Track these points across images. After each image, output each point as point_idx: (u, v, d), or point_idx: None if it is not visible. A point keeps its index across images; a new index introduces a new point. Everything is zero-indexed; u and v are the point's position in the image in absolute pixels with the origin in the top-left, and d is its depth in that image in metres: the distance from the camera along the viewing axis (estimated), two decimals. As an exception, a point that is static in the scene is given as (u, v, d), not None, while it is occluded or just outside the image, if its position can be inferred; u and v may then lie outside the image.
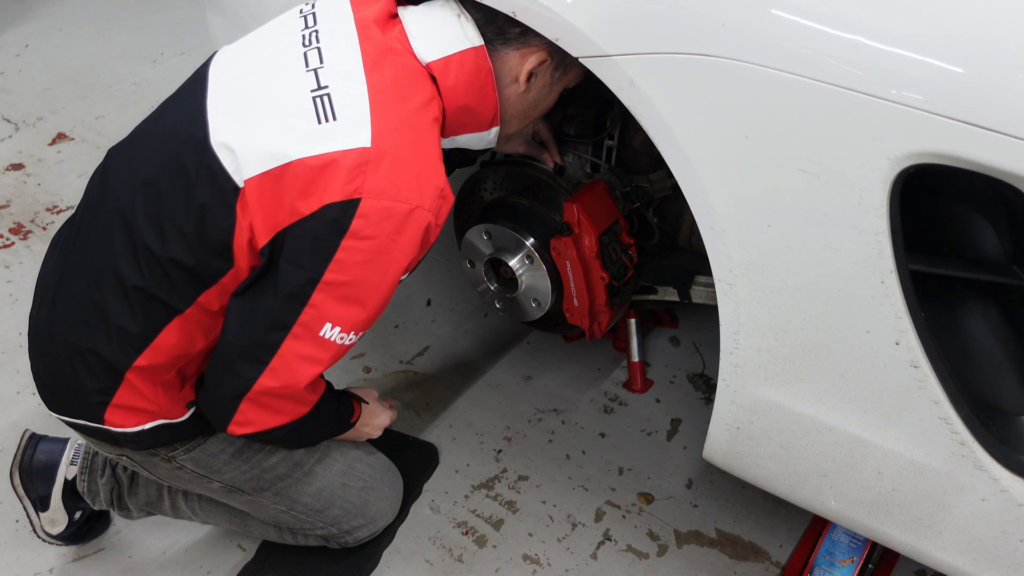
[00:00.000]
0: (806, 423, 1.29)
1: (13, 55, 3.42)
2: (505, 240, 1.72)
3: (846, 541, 1.64)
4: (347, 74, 1.25)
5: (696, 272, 1.70)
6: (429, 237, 1.26)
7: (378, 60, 1.27)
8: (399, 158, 1.21)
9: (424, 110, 1.27)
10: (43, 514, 1.71)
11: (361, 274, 1.23)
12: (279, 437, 1.41)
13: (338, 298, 1.24)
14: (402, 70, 1.28)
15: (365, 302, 1.26)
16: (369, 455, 1.68)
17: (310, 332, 1.26)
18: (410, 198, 1.21)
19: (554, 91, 1.43)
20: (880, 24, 1.03)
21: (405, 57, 1.29)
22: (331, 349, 1.29)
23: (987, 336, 1.21)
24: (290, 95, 1.25)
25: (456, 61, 1.30)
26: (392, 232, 1.21)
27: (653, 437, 1.97)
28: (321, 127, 1.21)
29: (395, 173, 1.20)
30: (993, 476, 1.15)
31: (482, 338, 2.23)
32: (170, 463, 1.47)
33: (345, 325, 1.27)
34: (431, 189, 1.23)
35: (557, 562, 1.74)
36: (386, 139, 1.21)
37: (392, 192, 1.19)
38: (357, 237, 1.19)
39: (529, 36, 1.31)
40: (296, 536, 1.68)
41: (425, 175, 1.23)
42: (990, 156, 0.98)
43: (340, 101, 1.22)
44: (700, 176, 1.19)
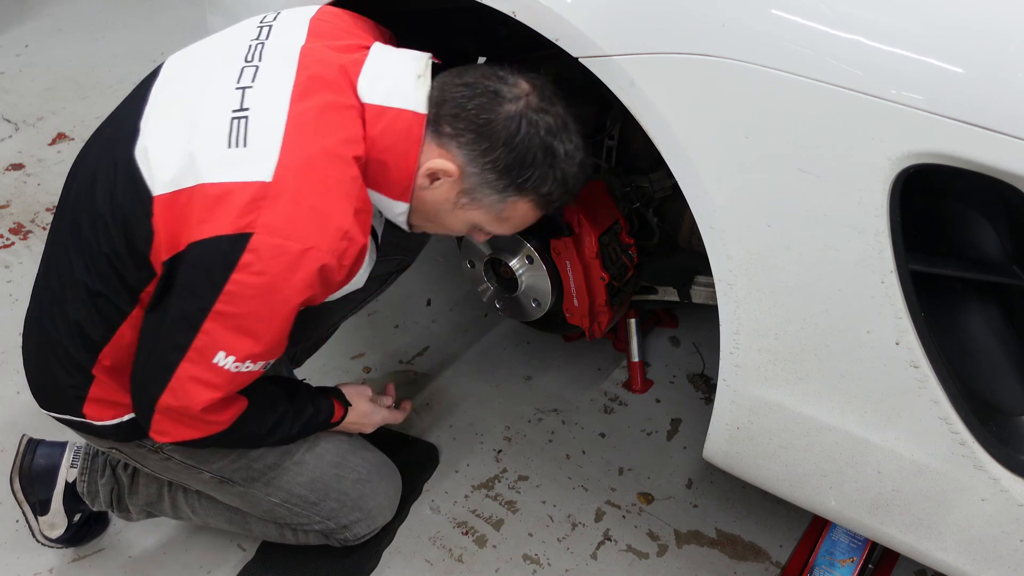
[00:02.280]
0: (806, 423, 1.29)
1: (13, 55, 3.42)
2: (505, 240, 1.72)
3: (846, 541, 1.64)
4: (271, 100, 1.22)
5: (696, 272, 1.70)
6: (331, 277, 1.23)
7: (309, 90, 1.23)
8: (300, 195, 1.18)
9: (343, 146, 1.23)
10: (42, 518, 1.71)
11: (251, 308, 1.20)
12: (217, 443, 1.40)
13: (230, 328, 1.22)
14: (331, 104, 1.24)
15: (259, 335, 1.23)
16: (364, 449, 1.67)
17: (204, 357, 1.24)
18: (304, 238, 1.18)
19: (457, 216, 1.35)
20: (880, 24, 1.03)
21: (342, 92, 1.25)
22: (225, 376, 1.26)
23: (987, 336, 1.21)
24: (212, 112, 1.23)
25: (392, 116, 1.26)
26: (283, 271, 1.18)
27: (653, 437, 1.97)
28: (230, 152, 1.19)
29: (292, 211, 1.17)
30: (993, 476, 1.15)
31: (482, 338, 2.23)
32: (158, 454, 1.48)
33: (239, 355, 1.24)
34: (331, 231, 1.20)
35: (557, 562, 1.74)
36: (290, 175, 1.18)
37: (286, 230, 1.17)
38: (247, 272, 1.17)
39: (452, 145, 1.27)
40: (296, 534, 1.68)
41: (326, 215, 1.20)
42: (990, 156, 0.98)
43: (255, 127, 1.20)
44: (700, 176, 1.19)
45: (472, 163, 1.28)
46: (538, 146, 1.27)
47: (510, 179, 1.28)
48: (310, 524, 1.63)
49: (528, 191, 1.30)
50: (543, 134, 1.27)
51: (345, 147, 1.23)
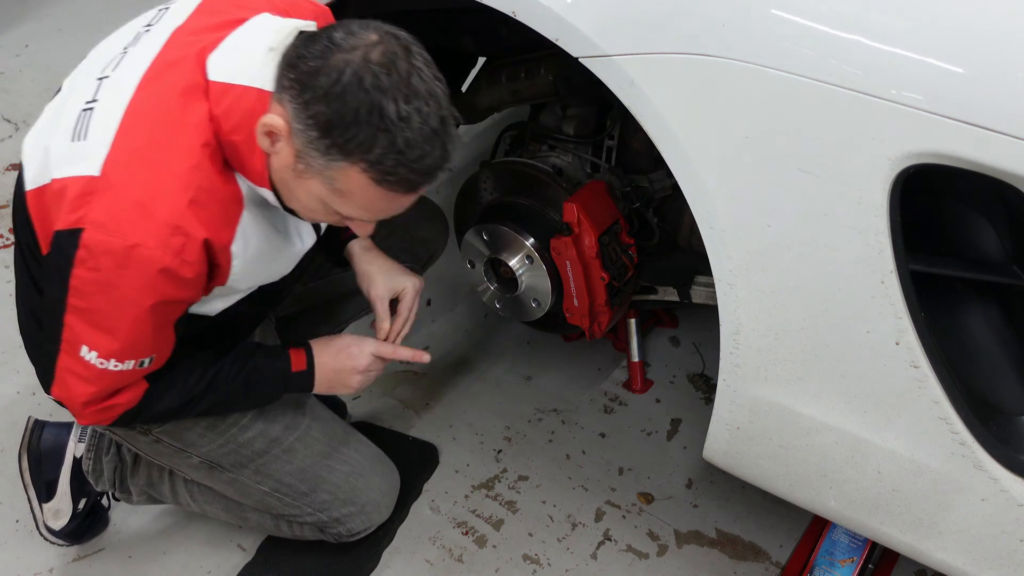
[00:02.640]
0: (806, 423, 1.29)
1: (13, 55, 3.42)
2: (505, 240, 1.72)
3: (846, 541, 1.64)
4: (119, 89, 1.19)
5: (696, 272, 1.70)
6: (180, 275, 1.17)
7: (158, 75, 1.19)
8: (125, 189, 1.14)
9: (181, 133, 1.16)
10: (47, 505, 1.71)
11: (98, 303, 1.18)
12: (143, 420, 1.38)
13: (87, 322, 1.20)
14: (175, 87, 1.17)
15: (113, 332, 1.20)
16: (358, 442, 1.66)
17: (73, 349, 1.22)
18: (128, 234, 1.13)
19: (302, 188, 1.18)
20: (880, 24, 1.03)
21: (190, 73, 1.18)
22: (94, 371, 1.23)
23: (987, 336, 1.21)
24: (72, 105, 1.21)
25: (236, 94, 1.16)
26: (114, 267, 1.14)
27: (653, 437, 1.97)
28: (72, 146, 1.17)
29: (116, 206, 1.13)
30: (993, 476, 1.15)
31: (482, 338, 2.23)
32: (147, 436, 1.48)
33: (101, 351, 1.21)
34: (157, 226, 1.14)
35: (557, 562, 1.74)
36: (119, 167, 1.15)
37: (111, 226, 1.13)
38: (83, 267, 1.15)
39: (286, 99, 1.12)
40: (292, 526, 1.67)
41: (150, 210, 1.14)
42: (990, 156, 0.98)
43: (96, 119, 1.17)
44: (700, 176, 1.19)
45: (297, 118, 1.12)
46: (362, 102, 1.07)
47: (331, 138, 1.10)
48: (302, 516, 1.63)
49: (354, 155, 1.11)
50: (370, 88, 1.07)
51: (184, 134, 1.16)
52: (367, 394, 2.09)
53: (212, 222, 1.19)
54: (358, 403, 2.07)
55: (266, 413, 1.53)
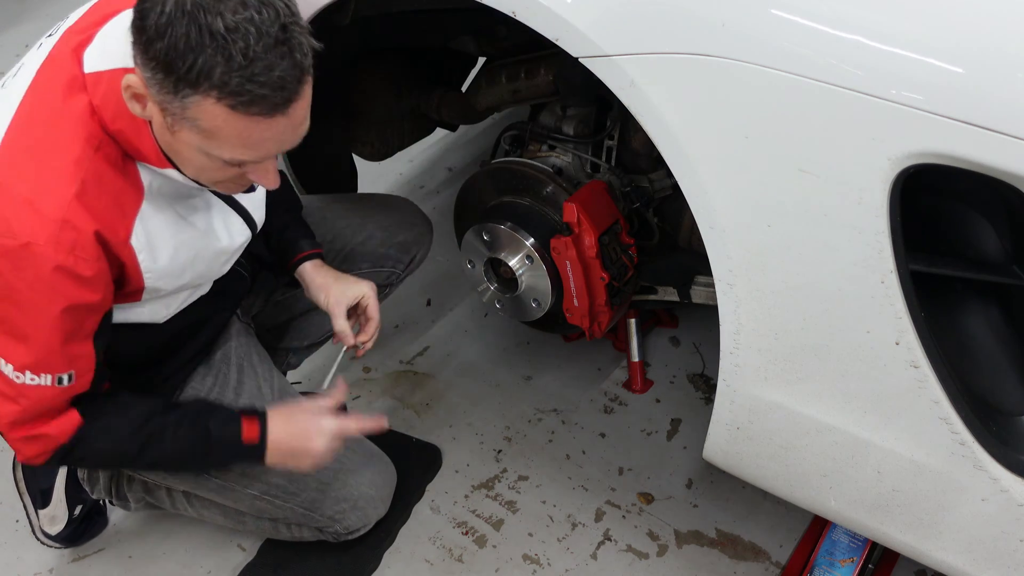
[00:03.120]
0: (806, 423, 1.29)
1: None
2: (505, 240, 1.72)
3: (846, 541, 1.64)
4: (12, 94, 1.19)
5: (696, 272, 1.70)
6: (79, 273, 1.14)
7: (44, 74, 1.18)
8: (11, 189, 1.12)
9: (63, 129, 1.14)
10: (43, 511, 1.71)
11: (4, 310, 1.15)
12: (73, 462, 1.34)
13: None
14: (56, 85, 1.16)
15: (25, 340, 1.17)
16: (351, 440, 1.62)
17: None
18: (18, 233, 1.10)
19: (181, 141, 1.12)
20: (880, 24, 1.03)
21: (67, 68, 1.16)
22: (12, 386, 1.20)
23: (987, 336, 1.21)
24: None
25: (107, 78, 1.13)
26: (12, 270, 1.12)
27: (653, 437, 1.97)
28: None
29: (4, 208, 1.11)
30: (993, 476, 1.15)
31: (482, 338, 2.23)
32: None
33: (16, 363, 1.18)
34: (45, 222, 1.11)
35: (557, 562, 1.74)
36: (5, 169, 1.13)
37: (1, 228, 1.11)
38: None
39: (137, 53, 1.06)
40: (291, 528, 1.67)
41: (37, 207, 1.11)
42: (990, 156, 0.98)
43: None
44: (700, 176, 1.19)
45: (146, 68, 1.05)
46: (188, 25, 1.01)
47: (176, 73, 1.03)
48: (296, 517, 1.62)
49: (201, 85, 1.04)
50: (191, 8, 1.01)
51: (65, 129, 1.14)
52: (367, 394, 2.09)
53: (104, 215, 1.16)
54: (358, 403, 2.07)
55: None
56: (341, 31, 1.65)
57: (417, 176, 2.57)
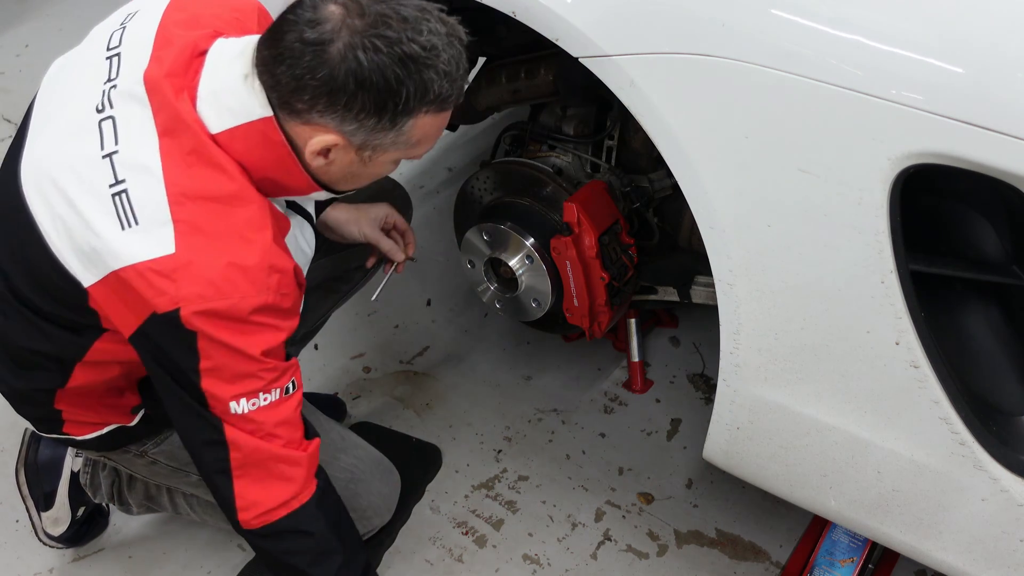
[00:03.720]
0: (806, 423, 1.29)
1: (13, 55, 3.42)
2: (505, 240, 1.72)
3: (846, 541, 1.64)
4: (143, 166, 1.15)
5: (696, 272, 1.70)
6: (281, 306, 1.17)
7: (171, 140, 1.15)
8: (209, 255, 1.12)
9: (223, 185, 1.16)
10: (45, 514, 1.71)
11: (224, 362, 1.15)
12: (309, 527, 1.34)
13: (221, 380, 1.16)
14: (194, 146, 1.15)
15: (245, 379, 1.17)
16: (357, 448, 1.65)
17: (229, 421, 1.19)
18: (231, 292, 1.12)
19: (376, 164, 1.22)
20: (880, 24, 1.03)
21: (194, 128, 1.15)
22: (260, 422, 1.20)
23: (987, 336, 1.21)
24: (92, 193, 1.15)
25: (242, 134, 1.16)
26: (233, 334, 1.14)
27: (653, 437, 1.97)
28: (125, 234, 1.12)
29: (208, 273, 1.12)
30: (993, 476, 1.15)
31: (482, 338, 2.23)
32: (143, 458, 1.48)
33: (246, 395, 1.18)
34: (255, 274, 1.14)
35: (557, 562, 1.74)
36: (191, 238, 1.12)
37: (210, 293, 1.11)
38: (203, 340, 1.13)
39: (315, 116, 1.13)
40: None
41: (243, 262, 1.13)
42: (990, 156, 0.98)
43: (139, 201, 1.13)
44: (700, 176, 1.19)
45: (345, 122, 1.13)
46: (392, 64, 1.08)
47: (391, 111, 1.12)
48: None
49: (416, 108, 1.13)
50: (388, 50, 1.08)
51: (224, 185, 1.16)
52: (367, 394, 2.09)
53: (286, 248, 1.21)
54: (358, 403, 2.07)
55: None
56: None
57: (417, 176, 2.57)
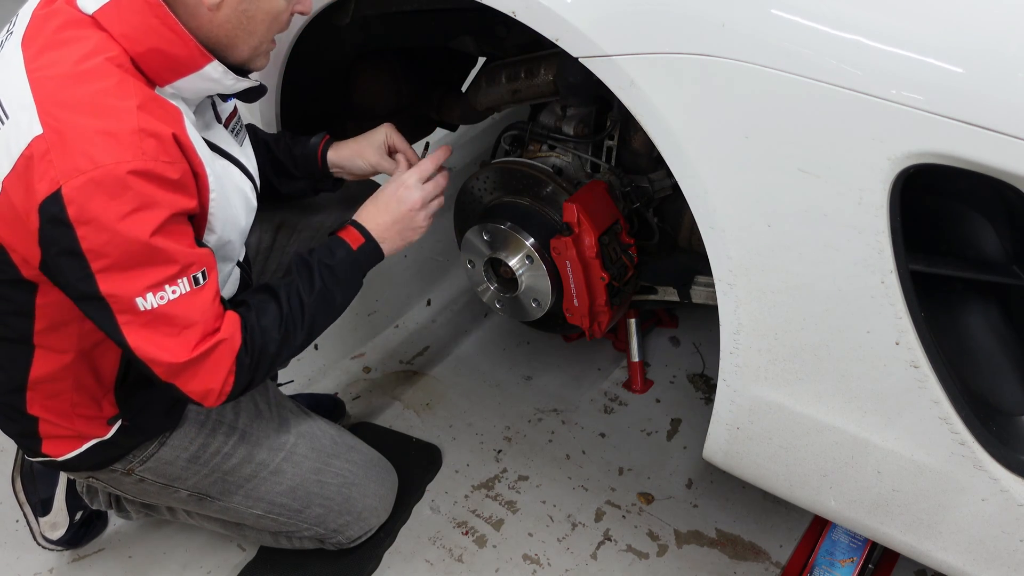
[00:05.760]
0: (806, 423, 1.29)
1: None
2: (505, 240, 1.72)
3: (846, 541, 1.64)
4: (7, 61, 1.16)
5: (696, 272, 1.70)
6: (166, 176, 1.13)
7: (36, 29, 1.17)
8: (76, 128, 1.10)
9: (91, 57, 1.14)
10: (43, 519, 1.71)
11: (121, 245, 1.11)
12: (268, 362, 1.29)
13: (119, 273, 1.13)
14: (58, 28, 1.16)
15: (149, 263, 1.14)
16: (350, 451, 1.65)
17: (128, 309, 1.15)
18: (105, 159, 1.09)
19: (261, 9, 1.23)
20: (880, 24, 1.03)
21: (65, 13, 1.17)
22: (160, 313, 1.16)
23: (987, 336, 1.21)
24: None
25: (114, 5, 1.15)
26: (108, 198, 1.09)
27: (653, 437, 1.97)
28: (2, 132, 1.13)
29: (79, 144, 1.09)
30: (993, 476, 1.15)
31: (482, 338, 2.23)
32: (130, 476, 1.46)
33: (152, 289, 1.15)
34: (125, 139, 1.11)
35: (557, 562, 1.74)
36: (56, 114, 1.11)
37: (85, 164, 1.08)
38: (81, 223, 1.09)
39: None
40: (291, 539, 1.67)
41: (110, 128, 1.11)
42: (990, 156, 0.98)
43: (5, 95, 1.14)
44: (700, 176, 1.19)
45: None
46: None
47: None
48: (299, 531, 1.63)
49: None
50: None
51: (93, 57, 1.14)
52: (367, 394, 2.09)
53: (163, 118, 1.16)
54: (358, 403, 2.07)
55: (248, 437, 1.51)
56: (341, 31, 1.65)
57: (417, 176, 2.57)
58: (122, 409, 1.40)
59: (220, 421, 1.50)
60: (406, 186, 1.46)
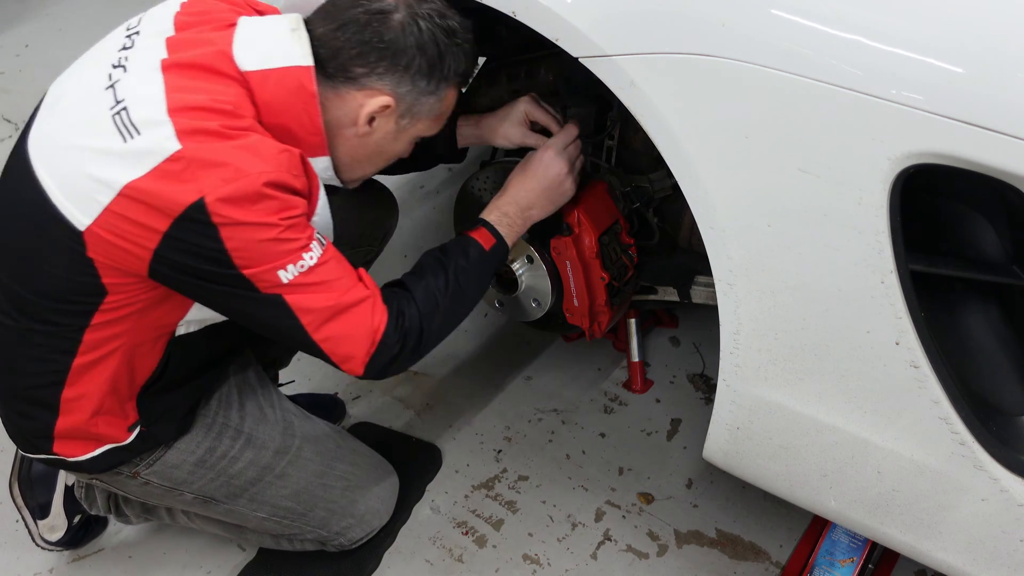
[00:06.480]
0: (806, 423, 1.29)
1: (13, 55, 3.42)
2: (505, 240, 1.72)
3: (846, 541, 1.64)
4: (142, 78, 1.19)
5: (696, 272, 1.70)
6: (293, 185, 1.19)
7: (181, 66, 1.20)
8: (214, 145, 1.15)
9: (223, 98, 1.19)
10: (42, 521, 1.71)
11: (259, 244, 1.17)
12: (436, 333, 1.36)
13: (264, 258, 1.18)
14: (203, 75, 1.20)
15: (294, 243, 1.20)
16: (353, 453, 1.66)
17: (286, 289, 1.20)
18: (248, 170, 1.14)
19: (400, 141, 1.37)
20: (880, 24, 1.03)
21: (220, 63, 1.21)
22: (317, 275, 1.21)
23: (987, 336, 1.21)
24: (93, 123, 1.18)
25: (276, 76, 1.22)
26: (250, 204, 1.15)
27: (653, 437, 1.97)
28: (128, 145, 1.14)
29: (219, 157, 1.14)
30: (993, 476, 1.15)
31: (482, 338, 2.23)
32: (135, 479, 1.45)
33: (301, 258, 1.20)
34: (263, 152, 1.17)
35: (557, 562, 1.74)
36: (192, 135, 1.14)
37: (229, 174, 1.13)
38: (227, 228, 1.14)
39: (374, 79, 1.26)
40: (292, 542, 1.68)
41: (247, 146, 1.16)
42: (990, 156, 0.98)
43: (137, 113, 1.15)
44: (700, 176, 1.19)
45: (400, 83, 1.28)
46: (442, 35, 1.28)
47: (437, 76, 1.30)
48: (302, 534, 1.63)
49: (451, 77, 1.32)
50: (439, 22, 1.28)
51: (229, 102, 1.18)
52: (367, 394, 2.09)
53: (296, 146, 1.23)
54: (358, 403, 2.07)
55: (254, 441, 1.51)
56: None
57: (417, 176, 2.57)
58: (142, 415, 1.39)
59: (226, 425, 1.50)
60: (553, 154, 1.51)
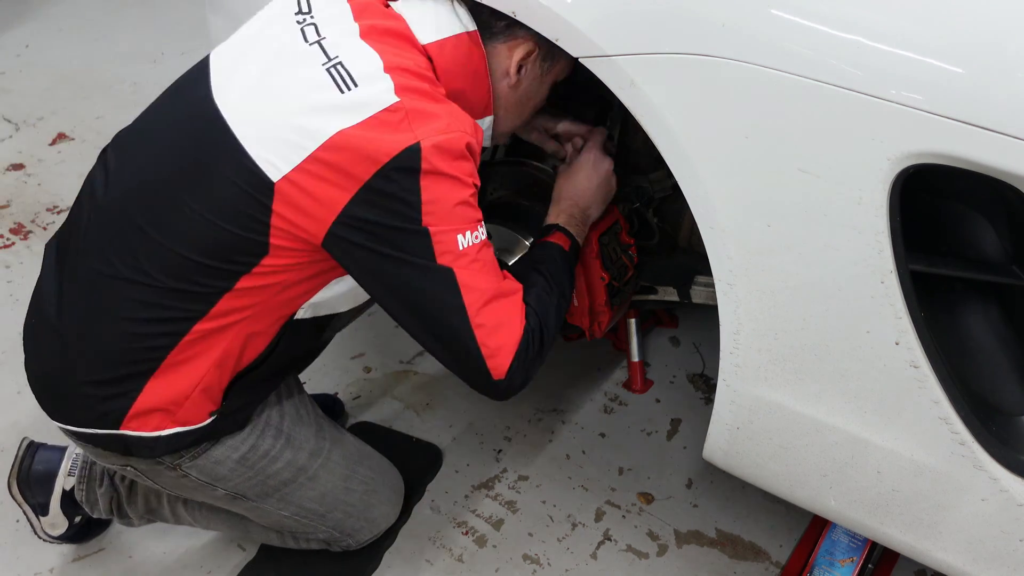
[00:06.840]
0: (806, 423, 1.29)
1: (13, 55, 3.42)
2: (505, 240, 1.72)
3: (846, 541, 1.64)
4: (353, 44, 1.26)
5: (696, 272, 1.70)
6: (477, 153, 1.28)
7: (377, 35, 1.29)
8: (428, 102, 1.24)
9: (424, 67, 1.29)
10: (43, 518, 1.71)
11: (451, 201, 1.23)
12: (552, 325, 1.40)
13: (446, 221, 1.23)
14: (400, 43, 1.30)
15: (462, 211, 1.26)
16: (369, 457, 1.67)
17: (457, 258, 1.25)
18: (458, 127, 1.23)
19: (544, 84, 1.44)
20: (880, 24, 1.03)
21: (404, 35, 1.31)
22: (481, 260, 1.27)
23: (987, 336, 1.21)
24: (306, 76, 1.24)
25: (451, 44, 1.32)
26: (452, 158, 1.22)
27: (653, 437, 1.97)
28: (346, 96, 1.21)
29: (434, 110, 1.23)
30: (993, 476, 1.15)
31: (482, 338, 2.23)
32: (175, 471, 1.43)
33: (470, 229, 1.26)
34: (465, 118, 1.26)
35: (557, 562, 1.74)
36: (408, 92, 1.23)
37: (443, 126, 1.21)
38: (427, 174, 1.20)
39: (515, 28, 1.33)
40: (298, 540, 1.68)
41: (453, 110, 1.26)
42: (990, 156, 0.98)
43: (355, 68, 1.23)
44: (700, 176, 1.19)
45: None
46: None
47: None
48: (315, 533, 1.63)
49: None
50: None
51: (430, 71, 1.30)
52: (367, 394, 2.09)
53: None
54: (358, 403, 2.07)
55: (292, 441, 1.51)
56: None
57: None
58: (226, 402, 1.38)
59: (268, 423, 1.49)
60: (599, 153, 1.58)
